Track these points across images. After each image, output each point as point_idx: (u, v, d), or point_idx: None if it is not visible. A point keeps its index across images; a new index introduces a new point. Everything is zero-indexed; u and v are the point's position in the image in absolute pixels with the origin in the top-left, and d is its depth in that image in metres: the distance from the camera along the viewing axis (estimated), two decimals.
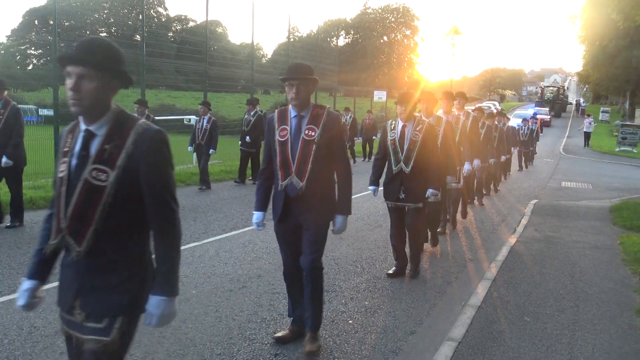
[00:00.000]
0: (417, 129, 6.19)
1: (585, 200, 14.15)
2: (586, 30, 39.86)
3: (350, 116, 20.05)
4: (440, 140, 7.03)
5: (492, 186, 14.09)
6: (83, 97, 2.24)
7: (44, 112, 22.19)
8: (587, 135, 36.51)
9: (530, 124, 21.90)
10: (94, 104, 2.27)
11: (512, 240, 8.49)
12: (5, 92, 8.11)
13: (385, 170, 6.42)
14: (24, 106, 34.74)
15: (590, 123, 36.53)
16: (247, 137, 13.65)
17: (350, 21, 77.44)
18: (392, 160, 6.22)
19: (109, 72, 2.30)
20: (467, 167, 8.45)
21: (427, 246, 7.69)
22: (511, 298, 5.76)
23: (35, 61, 65.08)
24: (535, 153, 24.79)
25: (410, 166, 6.10)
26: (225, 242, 7.71)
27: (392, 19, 77.71)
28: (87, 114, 2.30)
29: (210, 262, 6.64)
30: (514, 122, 27.23)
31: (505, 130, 14.89)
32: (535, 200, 12.99)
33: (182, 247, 7.58)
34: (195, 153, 13.34)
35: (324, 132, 4.17)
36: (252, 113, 13.82)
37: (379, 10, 77.55)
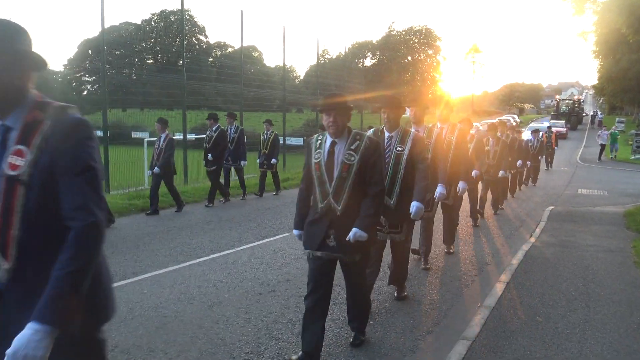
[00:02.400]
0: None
1: (600, 206, 13.85)
2: (600, 45, 39.17)
3: (272, 132, 13.77)
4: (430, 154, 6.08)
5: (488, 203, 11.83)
6: None
7: (98, 133, 22.69)
8: (603, 148, 34.23)
9: (539, 135, 18.94)
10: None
11: (528, 245, 8.35)
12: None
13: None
14: None
15: (606, 135, 33.98)
16: (209, 155, 11.78)
17: (376, 43, 77.38)
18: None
19: (5, 54, 1.87)
20: (440, 190, 6.46)
21: (443, 248, 7.62)
22: (525, 299, 5.66)
23: (89, 87, 66.70)
24: (547, 168, 23.28)
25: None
26: (257, 249, 7.75)
27: (416, 40, 77.44)
28: None
29: (243, 268, 6.68)
30: (527, 135, 23.90)
31: (509, 143, 12.45)
32: (552, 207, 12.76)
33: (217, 255, 7.65)
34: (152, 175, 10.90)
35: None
36: (213, 128, 11.92)
37: (403, 32, 77.36)
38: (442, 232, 7.96)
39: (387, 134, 5.28)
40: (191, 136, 18.75)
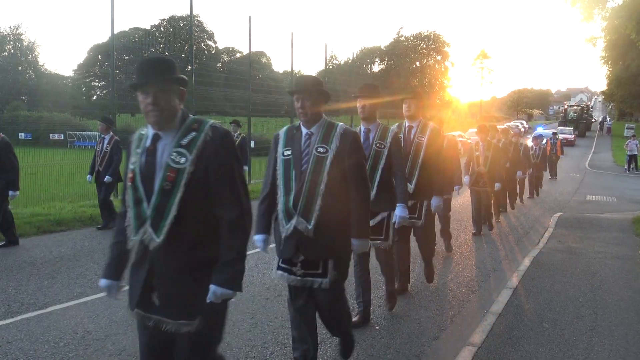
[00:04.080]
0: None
1: (609, 212, 13.78)
2: (609, 51, 39.06)
3: (239, 134, 12.78)
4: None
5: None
6: None
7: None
8: (633, 158, 30.55)
9: (542, 142, 17.65)
10: None
11: (535, 251, 8.32)
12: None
13: None
14: (88, 133, 35.84)
15: (636, 145, 31.18)
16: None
17: (384, 48, 77.55)
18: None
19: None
20: (399, 212, 4.74)
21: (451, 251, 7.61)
22: (531, 306, 5.65)
23: (98, 92, 67.19)
24: (550, 178, 21.40)
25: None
26: (264, 254, 7.73)
27: (424, 46, 77.54)
28: None
29: (250, 273, 6.70)
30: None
31: (502, 148, 11.01)
32: (560, 213, 12.71)
33: None
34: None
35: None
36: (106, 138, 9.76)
37: (411, 38, 77.50)
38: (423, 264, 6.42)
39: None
40: None
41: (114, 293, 2.70)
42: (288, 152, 3.53)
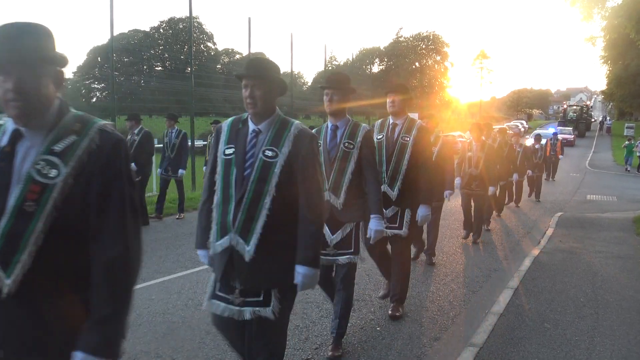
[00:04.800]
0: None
1: (610, 212, 13.77)
2: (608, 51, 39.01)
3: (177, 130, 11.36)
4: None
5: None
6: None
7: None
8: None
9: (541, 142, 16.68)
10: None
11: (536, 251, 8.31)
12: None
13: None
14: None
15: None
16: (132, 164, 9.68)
17: (383, 49, 77.47)
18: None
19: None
20: (374, 225, 4.20)
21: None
22: (533, 306, 5.64)
23: (98, 94, 67.16)
24: (549, 179, 20.68)
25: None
26: None
27: (423, 46, 77.44)
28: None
29: None
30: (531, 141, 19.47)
31: (497, 148, 10.22)
32: (561, 213, 12.70)
33: None
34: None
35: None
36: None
37: (411, 39, 77.41)
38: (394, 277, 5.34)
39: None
40: (199, 142, 18.84)
41: None
42: (230, 151, 2.88)
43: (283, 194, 2.75)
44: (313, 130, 3.78)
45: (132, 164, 9.35)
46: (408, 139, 4.98)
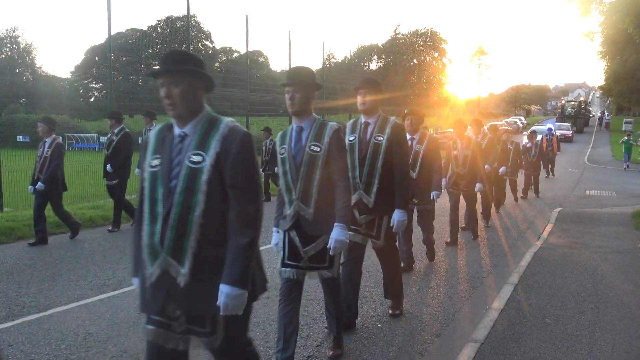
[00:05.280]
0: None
1: (609, 207, 13.79)
2: (606, 46, 38.97)
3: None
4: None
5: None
6: None
7: (103, 139, 22.98)
8: None
9: (537, 139, 16.21)
10: None
11: (536, 246, 8.32)
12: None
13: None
14: (86, 134, 35.82)
15: None
16: (108, 165, 9.34)
17: (381, 46, 77.52)
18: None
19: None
20: (337, 235, 3.67)
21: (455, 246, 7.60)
22: (533, 301, 5.64)
23: (96, 94, 67.12)
24: (547, 176, 20.64)
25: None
26: (265, 253, 7.71)
27: (421, 43, 77.51)
28: None
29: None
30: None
31: (486, 146, 10.05)
32: (560, 208, 12.72)
33: None
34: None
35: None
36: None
37: (409, 35, 77.47)
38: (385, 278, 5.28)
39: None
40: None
41: None
42: (156, 162, 2.52)
43: (215, 203, 2.41)
44: (279, 133, 3.91)
45: (108, 166, 9.26)
46: (381, 138, 4.55)
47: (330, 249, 3.64)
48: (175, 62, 2.48)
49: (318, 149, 3.63)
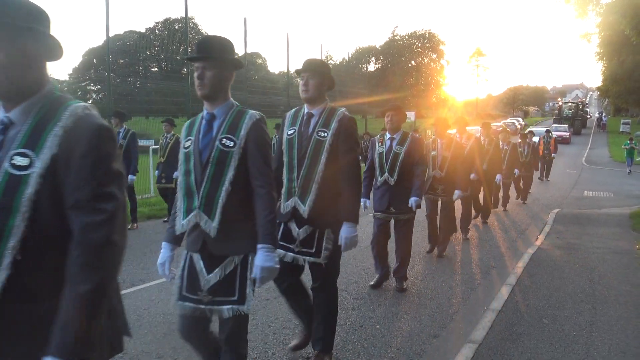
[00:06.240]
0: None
1: (606, 208, 13.82)
2: (603, 47, 39.08)
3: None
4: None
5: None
6: None
7: None
8: None
9: (530, 140, 15.46)
10: None
11: (534, 247, 8.35)
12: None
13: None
14: None
15: None
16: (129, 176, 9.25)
17: (379, 48, 77.50)
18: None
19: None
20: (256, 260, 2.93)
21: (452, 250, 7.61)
22: (531, 302, 5.66)
23: (94, 96, 67.02)
24: (542, 179, 20.02)
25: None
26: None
27: (419, 45, 77.49)
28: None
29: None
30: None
31: (470, 148, 8.54)
32: (558, 209, 12.75)
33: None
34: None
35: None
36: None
37: (406, 37, 77.45)
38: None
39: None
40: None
41: None
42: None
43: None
44: (185, 123, 3.13)
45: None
46: (325, 134, 3.72)
47: (254, 279, 2.82)
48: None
49: (231, 144, 2.82)
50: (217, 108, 2.92)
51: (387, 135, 6.09)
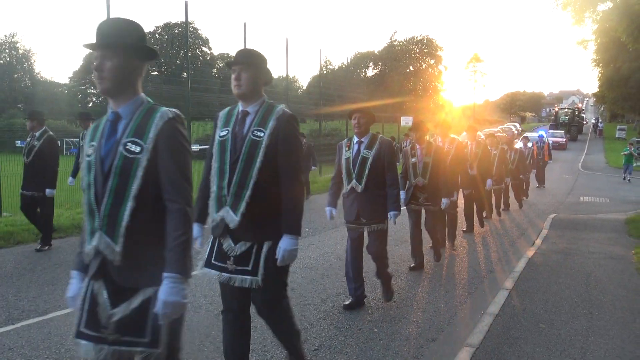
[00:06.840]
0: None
1: (603, 213, 13.85)
2: (600, 54, 39.23)
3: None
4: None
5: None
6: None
7: None
8: None
9: (514, 147, 14.94)
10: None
11: (530, 252, 8.36)
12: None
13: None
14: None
15: None
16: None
17: (378, 53, 77.72)
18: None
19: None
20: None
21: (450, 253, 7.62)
22: (527, 306, 5.68)
23: (94, 99, 67.01)
24: (538, 186, 19.52)
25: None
26: None
27: (417, 50, 77.72)
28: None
29: None
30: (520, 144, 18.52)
31: (454, 154, 8.28)
32: (554, 215, 12.77)
33: None
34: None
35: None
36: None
37: (405, 42, 77.68)
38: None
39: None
40: (195, 147, 18.84)
41: None
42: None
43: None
44: (91, 125, 2.58)
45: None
46: (262, 134, 3.21)
47: (158, 315, 2.26)
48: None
49: (138, 149, 2.31)
50: (123, 106, 2.39)
51: (355, 139, 5.47)
